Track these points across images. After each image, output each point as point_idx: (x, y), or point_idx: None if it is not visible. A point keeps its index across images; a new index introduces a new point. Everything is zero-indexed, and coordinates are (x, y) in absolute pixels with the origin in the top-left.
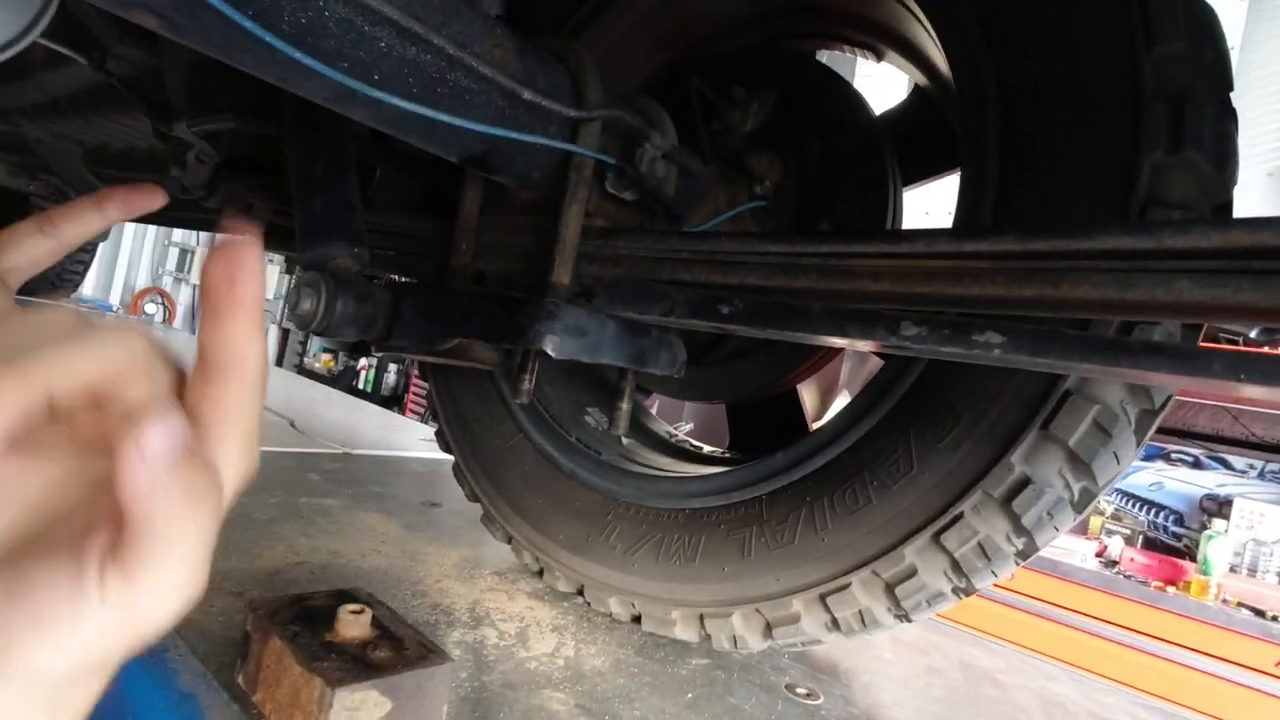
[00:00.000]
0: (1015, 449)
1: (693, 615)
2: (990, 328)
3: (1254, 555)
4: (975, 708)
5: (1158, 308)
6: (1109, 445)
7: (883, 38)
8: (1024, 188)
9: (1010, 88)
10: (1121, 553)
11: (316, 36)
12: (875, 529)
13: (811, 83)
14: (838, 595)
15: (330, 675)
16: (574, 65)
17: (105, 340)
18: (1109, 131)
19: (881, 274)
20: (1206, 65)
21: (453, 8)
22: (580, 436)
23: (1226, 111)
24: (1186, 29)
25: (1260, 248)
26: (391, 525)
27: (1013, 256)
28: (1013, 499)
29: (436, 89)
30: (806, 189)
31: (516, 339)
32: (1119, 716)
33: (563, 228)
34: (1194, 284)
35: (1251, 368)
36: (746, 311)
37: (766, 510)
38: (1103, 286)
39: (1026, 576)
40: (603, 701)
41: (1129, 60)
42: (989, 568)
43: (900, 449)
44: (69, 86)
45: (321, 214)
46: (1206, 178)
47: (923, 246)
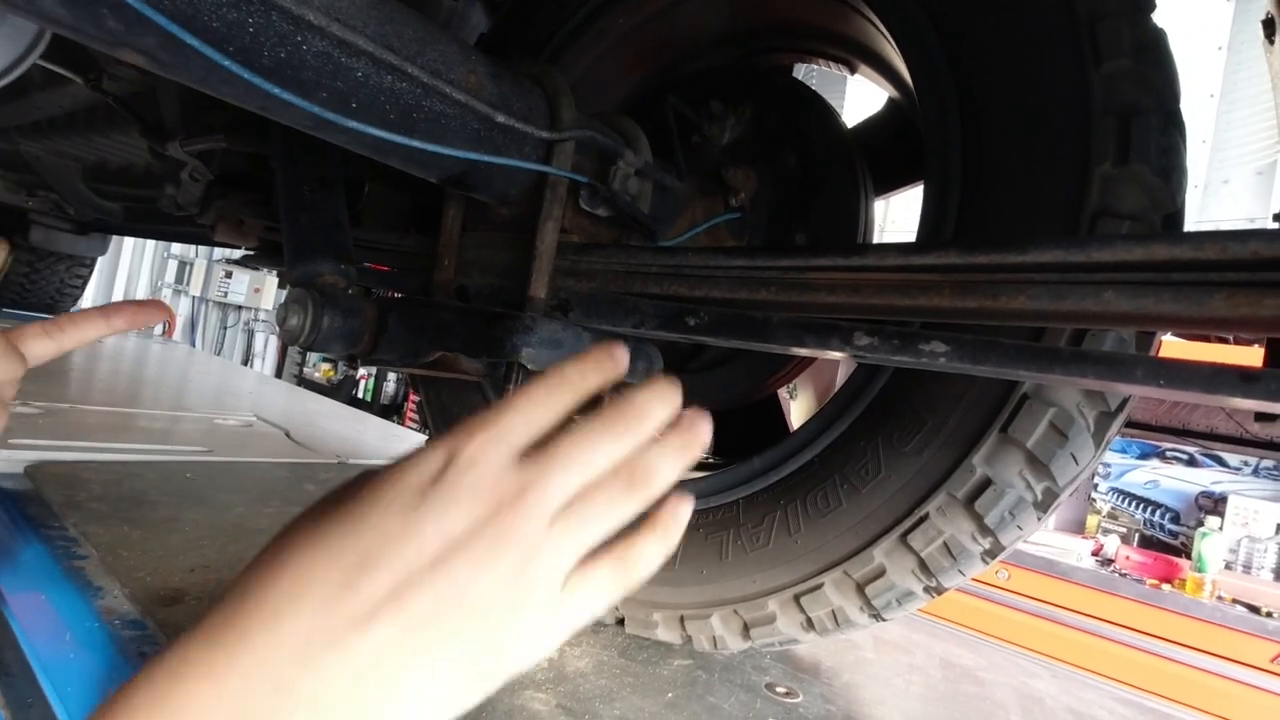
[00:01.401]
0: (976, 452)
1: (674, 617)
2: (936, 337)
3: (1249, 552)
4: (953, 704)
5: (1088, 317)
6: (1066, 447)
7: (854, 53)
8: (983, 199)
9: (969, 102)
10: (1117, 551)
11: (295, 69)
12: (845, 531)
13: (786, 97)
14: (811, 595)
15: None
16: (549, 88)
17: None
18: (1060, 145)
19: (837, 286)
20: (1153, 82)
21: (427, 37)
22: None
23: (1173, 125)
24: (1133, 47)
25: (1177, 261)
26: None
27: (956, 270)
28: (975, 500)
29: (412, 115)
30: (781, 201)
31: (496, 352)
32: (1096, 711)
33: (539, 244)
34: (1119, 295)
35: (1170, 374)
36: (712, 323)
37: (743, 514)
38: (1037, 298)
39: (1023, 576)
40: (584, 701)
41: (1078, 77)
42: (955, 567)
43: (868, 453)
44: (66, 105)
45: (309, 231)
46: (1154, 189)
47: (874, 260)
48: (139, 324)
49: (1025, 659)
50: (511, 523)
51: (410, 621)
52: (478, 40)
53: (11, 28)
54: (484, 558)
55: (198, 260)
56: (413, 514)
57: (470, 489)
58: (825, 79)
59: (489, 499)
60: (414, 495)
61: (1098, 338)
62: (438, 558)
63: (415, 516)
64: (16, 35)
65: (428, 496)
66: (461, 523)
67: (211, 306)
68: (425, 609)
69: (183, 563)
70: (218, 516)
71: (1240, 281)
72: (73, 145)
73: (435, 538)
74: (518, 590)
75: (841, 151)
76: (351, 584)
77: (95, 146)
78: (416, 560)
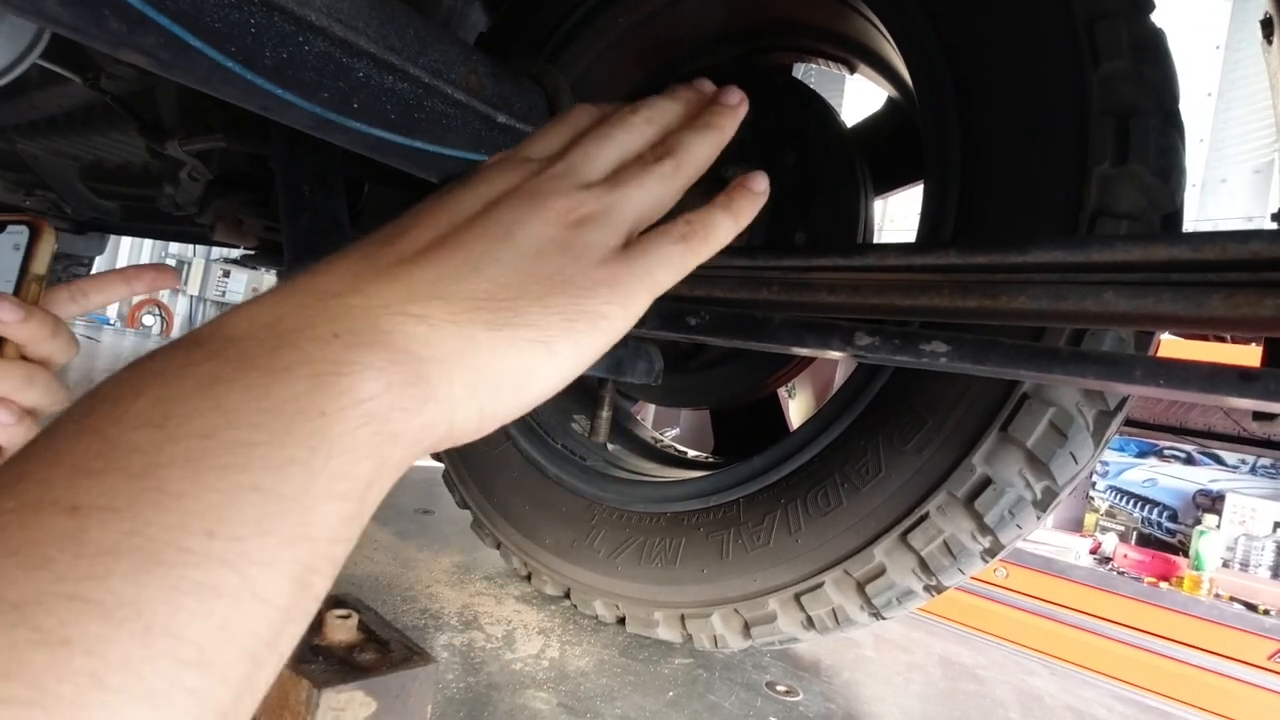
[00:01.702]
0: (976, 451)
1: (674, 616)
2: (936, 337)
3: (1246, 550)
4: (952, 702)
5: (1088, 317)
6: (1066, 446)
7: (854, 52)
8: (983, 199)
9: (968, 103)
10: (1115, 549)
11: (296, 70)
12: (846, 530)
13: (785, 96)
14: (812, 594)
15: (317, 677)
16: (549, 87)
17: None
18: (1059, 145)
19: (838, 286)
20: (1151, 82)
21: (428, 37)
22: (566, 443)
23: (1171, 125)
24: (1131, 48)
25: (1176, 261)
26: (384, 533)
27: (956, 270)
28: (975, 498)
29: (414, 115)
30: (781, 200)
31: None
32: (1095, 709)
33: None
34: (1119, 295)
35: (1169, 373)
36: (713, 323)
37: (743, 513)
38: (1037, 298)
39: (1022, 575)
40: (585, 700)
41: (1077, 78)
42: (955, 565)
43: (869, 452)
44: (64, 104)
45: (309, 232)
46: (1152, 189)
47: (875, 260)
48: (156, 287)
49: (1024, 657)
50: (548, 182)
51: (461, 255)
52: (477, 39)
53: (11, 27)
54: (527, 203)
55: (195, 259)
56: (448, 193)
57: (508, 164)
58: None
59: (527, 169)
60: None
61: (1097, 337)
62: (478, 211)
63: (451, 194)
64: (16, 35)
65: (468, 180)
66: (500, 186)
67: (209, 306)
68: (475, 245)
69: None
70: None
71: (1240, 282)
72: (70, 144)
73: (473, 200)
74: (568, 239)
75: (841, 151)
76: (390, 240)
77: (93, 145)
78: (458, 215)
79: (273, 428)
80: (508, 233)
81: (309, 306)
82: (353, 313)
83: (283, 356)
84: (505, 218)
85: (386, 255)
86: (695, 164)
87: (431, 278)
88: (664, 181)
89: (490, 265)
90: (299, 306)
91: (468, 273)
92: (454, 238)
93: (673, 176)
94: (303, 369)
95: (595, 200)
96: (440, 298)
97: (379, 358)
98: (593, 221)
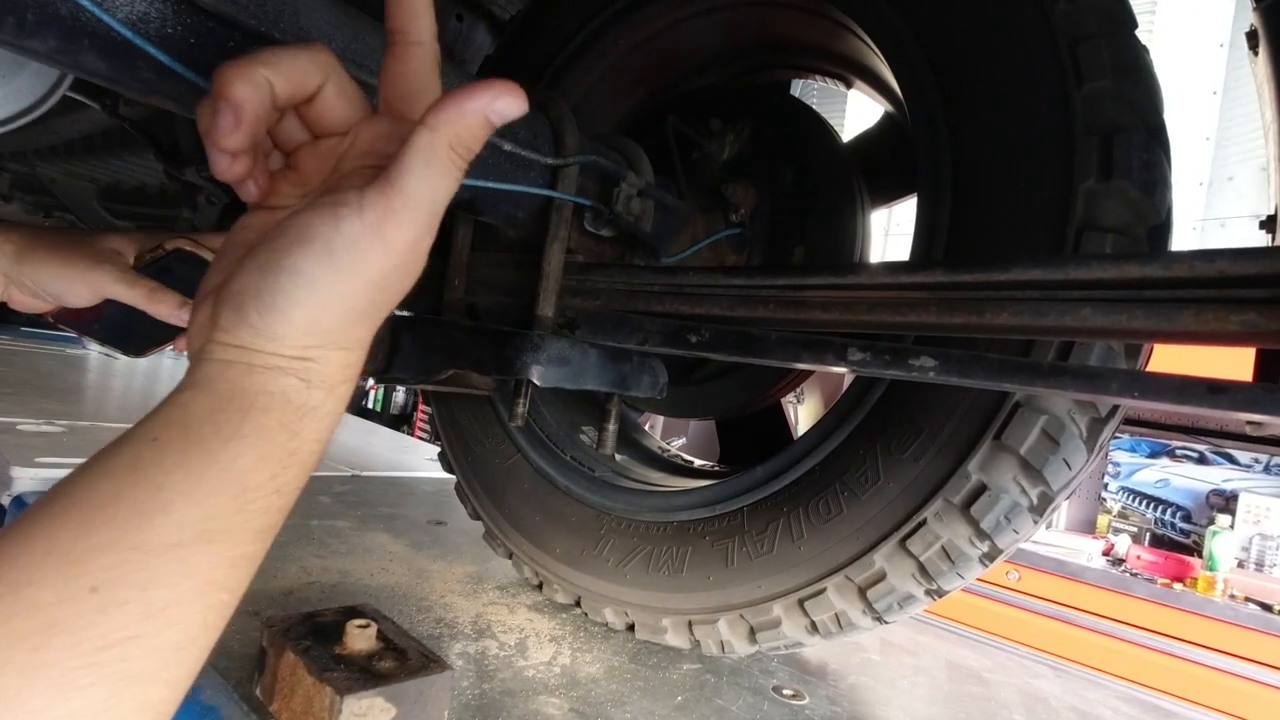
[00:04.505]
0: (971, 458)
1: (682, 623)
2: (925, 352)
3: (1260, 550)
4: (957, 705)
5: (1068, 332)
6: (1059, 453)
7: (849, 69)
8: (972, 214)
9: (957, 121)
10: (1128, 551)
11: None
12: (847, 536)
13: (783, 114)
14: (814, 600)
15: (339, 684)
16: (553, 115)
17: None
18: (1045, 162)
19: (830, 304)
20: (1134, 100)
21: None
22: (575, 455)
23: (1155, 141)
24: (1113, 67)
25: (1149, 279)
26: (399, 544)
27: (942, 287)
28: (971, 505)
29: None
30: (780, 215)
31: (505, 369)
32: (1101, 710)
33: (546, 264)
34: (1096, 311)
35: (1143, 385)
36: (713, 340)
37: (748, 521)
38: (1019, 314)
39: (1034, 577)
40: (596, 705)
41: (1061, 97)
42: (954, 570)
43: (868, 461)
44: (83, 129)
45: None
46: (1137, 203)
47: (866, 279)
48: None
49: (1031, 659)
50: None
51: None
52: (482, 62)
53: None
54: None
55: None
56: None
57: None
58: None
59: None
60: None
61: (1085, 349)
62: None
63: None
64: (44, 72)
65: None
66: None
67: None
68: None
69: None
70: None
71: (1208, 298)
72: (89, 167)
73: None
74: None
75: (838, 166)
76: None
77: (111, 168)
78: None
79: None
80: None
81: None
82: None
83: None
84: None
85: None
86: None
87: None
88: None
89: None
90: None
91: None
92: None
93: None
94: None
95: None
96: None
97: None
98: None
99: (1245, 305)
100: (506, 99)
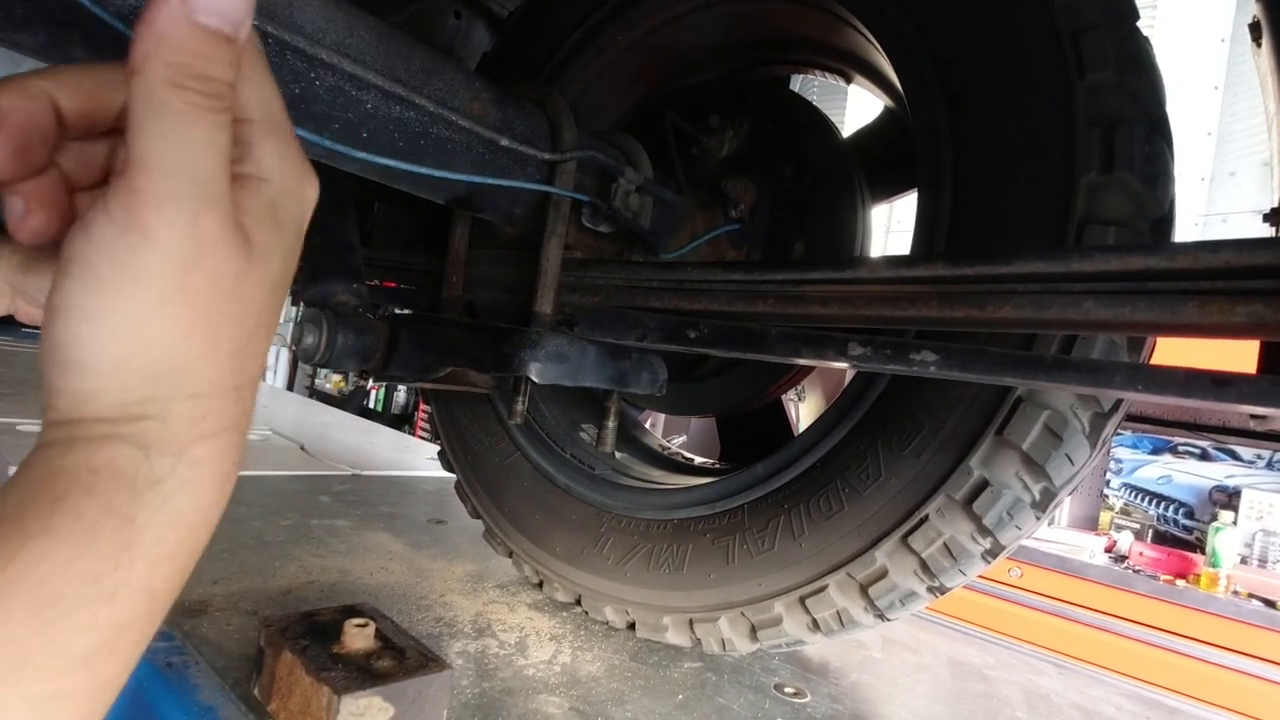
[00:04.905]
0: (973, 454)
1: (683, 621)
2: (926, 347)
3: (1264, 546)
4: (959, 702)
5: (1070, 325)
6: (1061, 448)
7: (849, 64)
8: (974, 208)
9: (957, 115)
10: (1131, 547)
11: (308, 104)
12: (848, 533)
13: (782, 109)
14: (816, 597)
15: (337, 684)
16: (551, 110)
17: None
18: (1046, 156)
19: (830, 299)
20: (1136, 91)
21: (433, 67)
22: (575, 453)
23: (1158, 133)
24: (1116, 59)
25: (1152, 271)
26: (399, 543)
27: (943, 281)
28: (973, 501)
29: (420, 142)
30: (780, 211)
31: (504, 367)
32: (1103, 707)
33: (543, 261)
34: (1099, 304)
35: (1147, 379)
36: (712, 336)
37: (748, 519)
38: (1021, 307)
39: (1036, 574)
40: (596, 704)
41: (1063, 89)
42: (956, 567)
43: (869, 457)
44: None
45: (321, 253)
46: (1140, 196)
47: (865, 273)
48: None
49: (1033, 656)
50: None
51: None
52: (481, 58)
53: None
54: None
55: None
56: None
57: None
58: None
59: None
60: None
61: (1088, 343)
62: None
63: None
64: None
65: None
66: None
67: None
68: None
69: (205, 575)
70: (236, 530)
71: (1213, 290)
72: None
73: None
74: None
75: (838, 161)
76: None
77: None
78: None
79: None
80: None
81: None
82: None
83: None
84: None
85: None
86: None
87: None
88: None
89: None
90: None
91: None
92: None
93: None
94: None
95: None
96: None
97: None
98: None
99: (1250, 297)
100: None
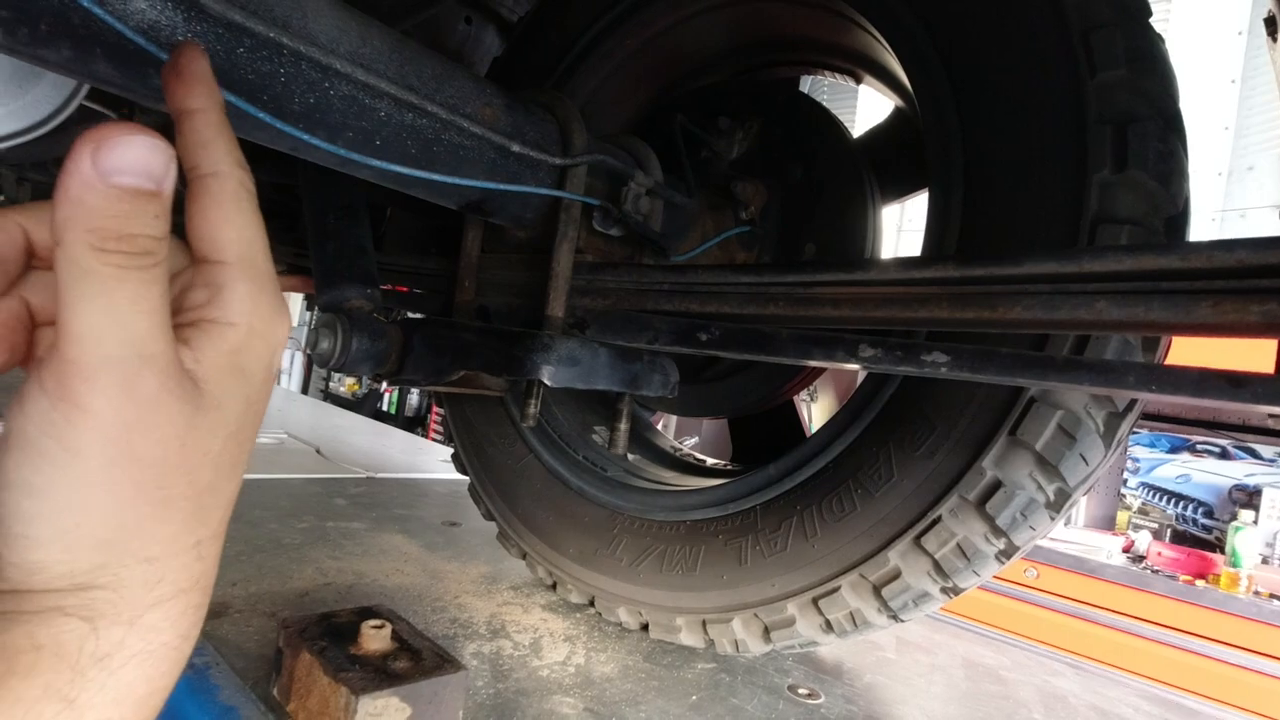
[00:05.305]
0: (986, 454)
1: (696, 622)
2: (937, 348)
3: None
4: (975, 703)
5: (1082, 325)
6: (1075, 448)
7: (858, 64)
8: (985, 208)
9: (968, 114)
10: (1149, 547)
11: (323, 113)
12: (861, 534)
13: (792, 110)
14: (829, 598)
15: (354, 684)
16: (561, 115)
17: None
18: (1058, 154)
19: (841, 301)
20: (1149, 89)
21: (445, 74)
22: (588, 455)
23: (1171, 131)
24: (1127, 56)
25: (1166, 270)
26: (413, 545)
27: (954, 282)
28: (986, 501)
29: (432, 149)
30: (790, 212)
31: (516, 370)
32: (1120, 708)
33: (555, 264)
34: (1111, 304)
35: (1161, 379)
36: (723, 338)
37: (761, 520)
38: (1032, 308)
39: (1053, 575)
40: (610, 705)
41: (1074, 87)
42: (969, 568)
43: (881, 458)
44: None
45: (335, 259)
46: (1153, 194)
47: (876, 274)
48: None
49: (1049, 657)
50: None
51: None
52: (492, 63)
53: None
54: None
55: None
56: None
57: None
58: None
59: None
60: None
61: (1102, 342)
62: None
63: None
64: (61, 83)
65: None
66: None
67: None
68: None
69: (224, 577)
70: (253, 532)
71: (1227, 289)
72: None
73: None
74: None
75: (848, 162)
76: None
77: None
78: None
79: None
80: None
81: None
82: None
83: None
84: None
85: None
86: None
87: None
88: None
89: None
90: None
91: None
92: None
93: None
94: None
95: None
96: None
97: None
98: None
99: (1266, 295)
100: (107, 146)
